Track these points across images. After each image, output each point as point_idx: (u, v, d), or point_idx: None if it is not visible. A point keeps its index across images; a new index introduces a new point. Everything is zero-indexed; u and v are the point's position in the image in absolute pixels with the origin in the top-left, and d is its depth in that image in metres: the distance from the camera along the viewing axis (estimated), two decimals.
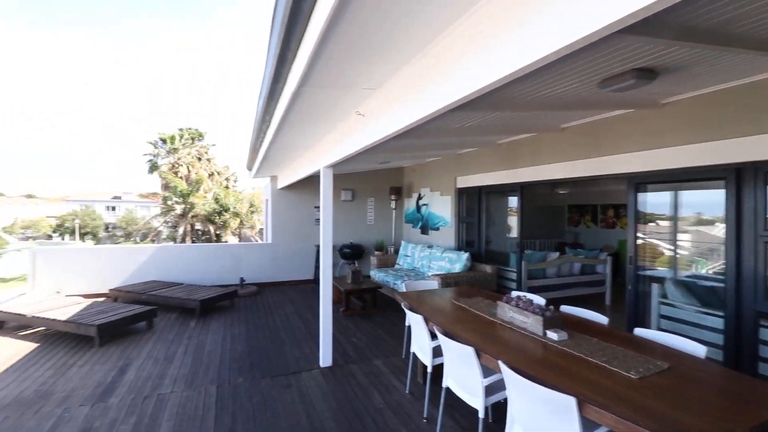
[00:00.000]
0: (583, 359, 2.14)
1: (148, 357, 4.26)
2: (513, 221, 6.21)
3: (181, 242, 28.40)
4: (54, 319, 4.67)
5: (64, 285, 6.51)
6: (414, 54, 2.05)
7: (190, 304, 5.73)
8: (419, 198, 8.19)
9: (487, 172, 6.03)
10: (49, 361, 4.12)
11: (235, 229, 32.33)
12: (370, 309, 6.11)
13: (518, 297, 3.00)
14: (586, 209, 9.78)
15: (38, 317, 4.78)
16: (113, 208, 45.16)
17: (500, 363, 2.08)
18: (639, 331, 2.58)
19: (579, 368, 2.02)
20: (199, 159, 32.93)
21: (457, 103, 1.78)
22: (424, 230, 7.90)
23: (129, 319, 4.88)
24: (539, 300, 3.33)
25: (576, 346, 2.32)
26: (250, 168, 8.17)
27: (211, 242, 27.06)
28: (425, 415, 3.03)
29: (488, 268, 5.88)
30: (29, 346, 4.54)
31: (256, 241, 31.10)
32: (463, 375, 2.50)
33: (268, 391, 3.48)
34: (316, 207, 8.63)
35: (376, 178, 8.77)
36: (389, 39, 1.85)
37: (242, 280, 7.59)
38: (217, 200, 30.33)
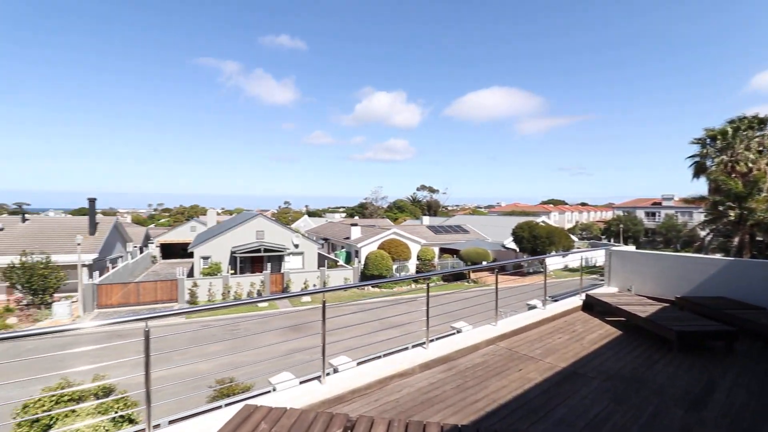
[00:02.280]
0: None
1: (736, 384, 3.83)
2: None
3: (736, 255, 23.74)
4: (635, 314, 5.34)
5: (633, 283, 7.30)
6: None
7: None
8: None
9: None
10: (635, 350, 4.74)
11: None
12: None
13: None
14: None
15: (620, 308, 5.66)
16: (653, 214, 45.66)
17: None
18: None
19: None
20: (761, 152, 25.85)
21: None
22: None
23: (708, 334, 4.64)
24: None
25: None
26: None
27: None
28: None
29: None
30: (614, 331, 5.47)
31: None
32: None
33: None
34: None
35: None
36: None
37: None
38: None
